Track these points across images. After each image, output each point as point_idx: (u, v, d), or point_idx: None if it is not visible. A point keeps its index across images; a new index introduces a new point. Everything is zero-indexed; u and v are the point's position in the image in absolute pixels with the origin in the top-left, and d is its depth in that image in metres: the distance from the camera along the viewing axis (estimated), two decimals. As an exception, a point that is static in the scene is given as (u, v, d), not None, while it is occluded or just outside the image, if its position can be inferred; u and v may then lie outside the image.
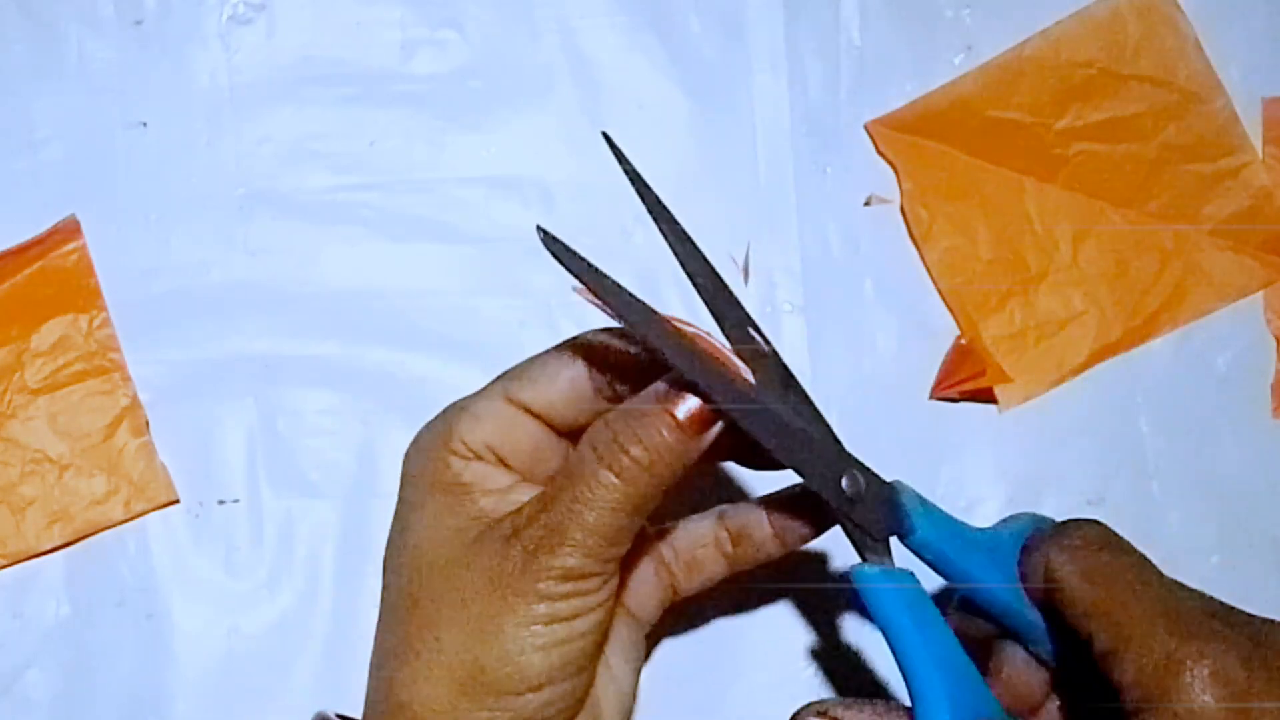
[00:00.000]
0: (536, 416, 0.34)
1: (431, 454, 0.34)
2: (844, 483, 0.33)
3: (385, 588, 0.35)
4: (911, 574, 0.33)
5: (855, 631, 0.42)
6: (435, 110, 0.44)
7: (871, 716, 0.33)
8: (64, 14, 0.43)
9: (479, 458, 0.34)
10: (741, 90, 0.44)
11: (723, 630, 0.42)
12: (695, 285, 0.33)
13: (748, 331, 0.33)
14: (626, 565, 0.35)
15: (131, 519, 0.41)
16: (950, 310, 0.44)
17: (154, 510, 0.41)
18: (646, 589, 0.37)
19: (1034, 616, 0.35)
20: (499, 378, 0.35)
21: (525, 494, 0.33)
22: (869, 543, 0.33)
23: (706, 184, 0.44)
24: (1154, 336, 0.44)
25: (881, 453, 0.42)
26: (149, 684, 0.40)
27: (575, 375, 0.34)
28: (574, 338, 0.34)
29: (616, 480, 0.31)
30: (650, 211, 0.33)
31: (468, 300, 0.43)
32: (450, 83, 0.44)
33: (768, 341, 0.34)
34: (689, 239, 0.34)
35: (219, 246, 0.42)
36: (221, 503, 0.41)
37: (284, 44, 0.43)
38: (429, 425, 0.35)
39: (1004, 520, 0.36)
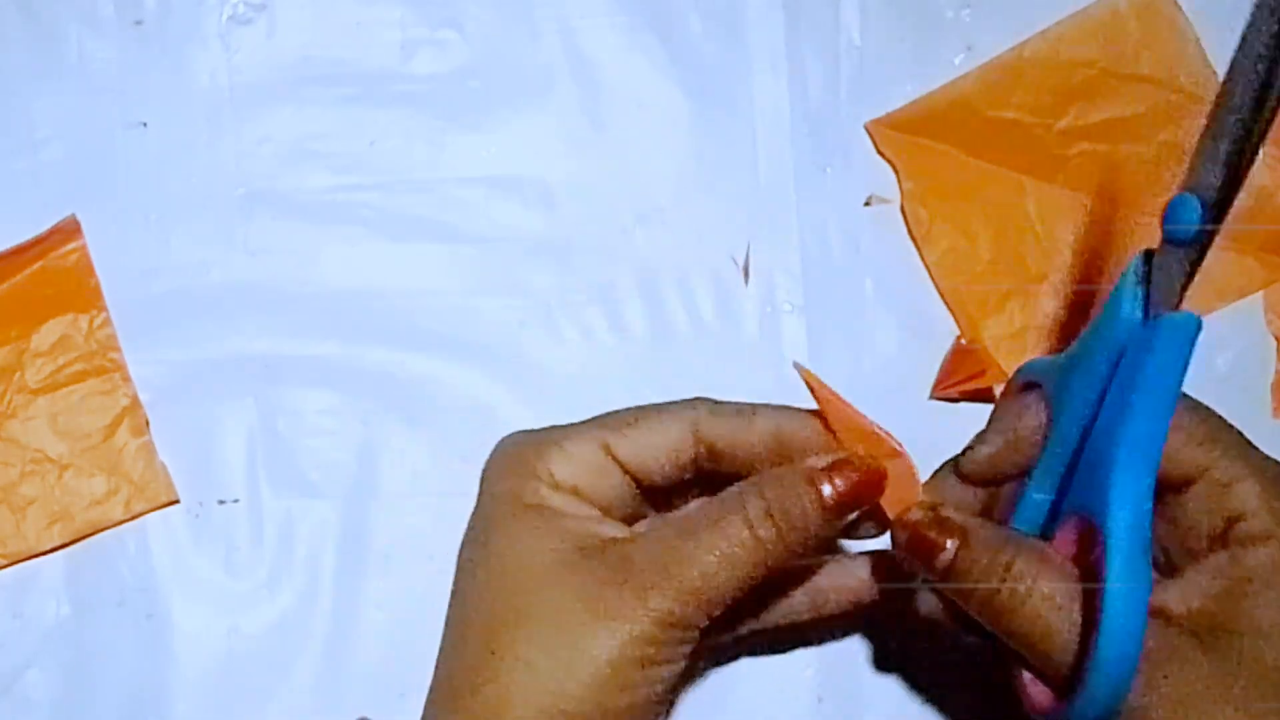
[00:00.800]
0: (625, 470, 0.34)
1: (519, 475, 0.34)
2: None
3: (461, 603, 0.34)
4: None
5: (856, 633, 0.42)
6: (435, 110, 0.44)
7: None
8: (64, 14, 0.43)
9: (561, 491, 0.34)
10: (742, 90, 0.44)
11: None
12: None
13: None
14: None
15: (131, 519, 0.41)
16: (950, 310, 0.44)
17: (154, 510, 0.41)
18: None
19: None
20: (599, 423, 0.35)
21: (611, 528, 0.33)
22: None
23: (706, 184, 0.44)
24: (1154, 336, 0.44)
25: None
26: (149, 684, 0.40)
27: (679, 447, 0.34)
28: (682, 406, 0.34)
29: (754, 544, 0.31)
30: None
31: (468, 300, 0.43)
32: (450, 83, 0.44)
33: None
34: None
35: (219, 246, 0.42)
36: (221, 503, 0.41)
37: (284, 44, 0.43)
38: (515, 446, 0.35)
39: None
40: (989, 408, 0.43)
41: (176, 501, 0.41)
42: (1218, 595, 0.31)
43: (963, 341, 0.44)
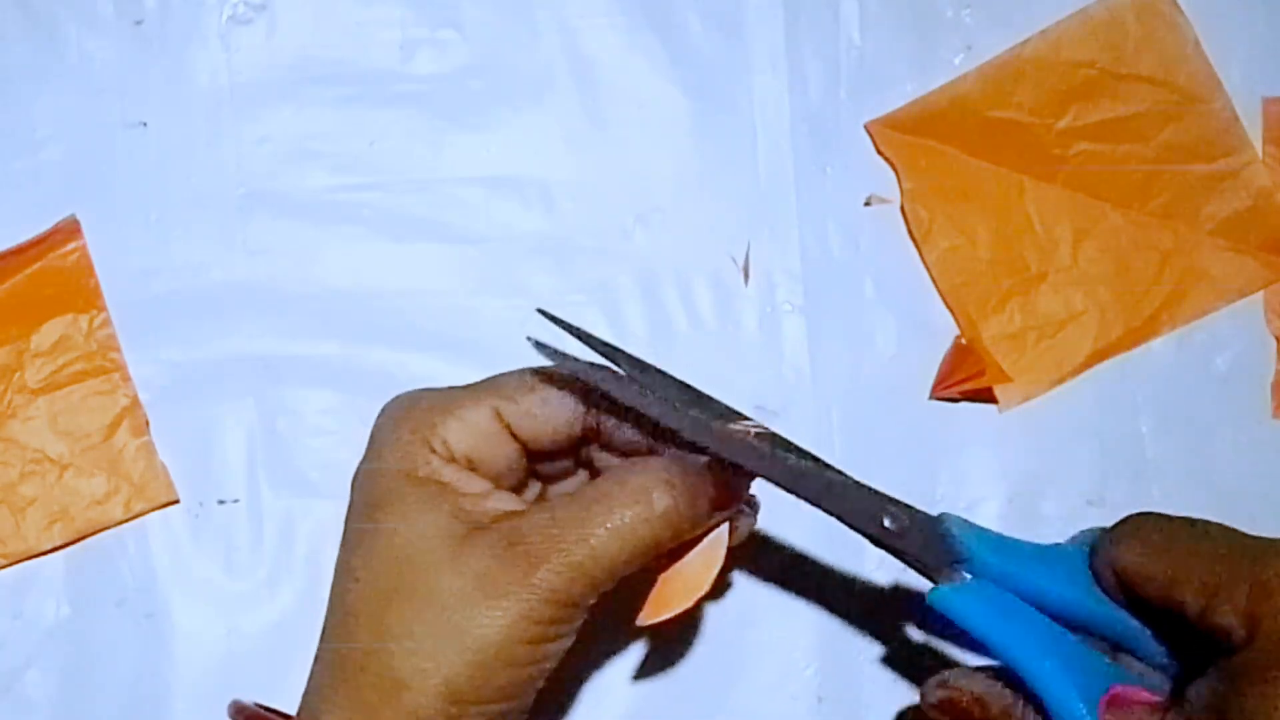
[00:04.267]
0: (517, 438, 0.34)
1: (412, 445, 0.33)
2: (886, 522, 0.33)
3: (349, 578, 0.33)
4: (989, 583, 0.33)
5: (856, 632, 0.42)
6: (435, 110, 0.44)
7: (987, 682, 0.33)
8: (64, 14, 0.43)
9: (454, 462, 0.33)
10: (741, 90, 0.44)
11: (723, 630, 0.42)
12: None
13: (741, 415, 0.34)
14: None
15: (131, 519, 0.41)
16: (950, 310, 0.44)
17: (154, 510, 0.41)
18: None
19: (1126, 622, 0.35)
20: (489, 389, 0.34)
21: (503, 502, 0.33)
22: (934, 571, 0.34)
23: (706, 184, 0.44)
24: (1154, 336, 0.44)
25: (881, 453, 0.42)
26: (149, 684, 0.40)
27: (572, 416, 0.34)
28: (573, 370, 0.33)
29: (651, 522, 0.31)
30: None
31: (468, 300, 0.43)
32: (450, 83, 0.44)
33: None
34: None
35: (219, 246, 0.42)
36: (221, 503, 0.41)
37: (284, 44, 0.43)
38: (407, 411, 0.34)
39: (1071, 539, 0.37)
40: (989, 408, 0.44)
41: (176, 501, 0.41)
42: (1213, 701, 0.31)
43: (963, 341, 0.44)
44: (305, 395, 0.42)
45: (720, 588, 0.42)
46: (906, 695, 0.42)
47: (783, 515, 0.42)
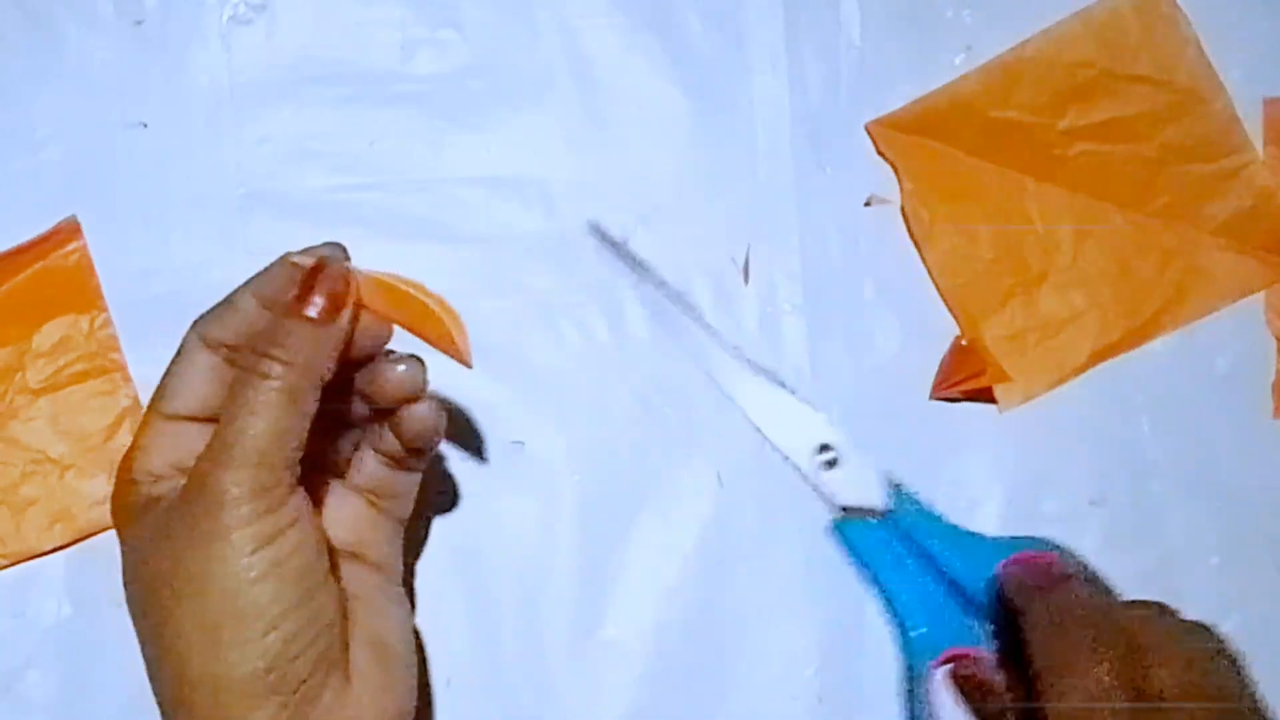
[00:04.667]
0: (196, 419, 0.35)
1: (119, 497, 0.34)
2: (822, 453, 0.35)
3: (138, 635, 0.34)
4: (891, 529, 0.36)
5: (856, 632, 0.42)
6: (435, 110, 0.44)
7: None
8: (64, 14, 0.43)
9: (164, 479, 0.34)
10: (741, 90, 0.44)
11: (723, 630, 0.42)
12: None
13: None
14: (317, 499, 0.36)
15: (132, 519, 0.41)
16: (950, 310, 0.44)
17: (154, 510, 0.41)
18: (372, 525, 0.37)
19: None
20: (150, 402, 0.35)
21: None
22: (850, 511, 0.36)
23: (706, 184, 0.44)
24: (1154, 337, 0.44)
25: (882, 453, 0.42)
26: (148, 685, 0.40)
27: (207, 366, 0.35)
28: (191, 329, 0.35)
29: (270, 383, 0.32)
30: None
31: (468, 300, 0.42)
32: (450, 83, 0.44)
33: None
34: None
35: (219, 246, 0.42)
36: (222, 503, 0.41)
37: (284, 44, 0.43)
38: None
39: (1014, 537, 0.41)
40: (989, 408, 0.44)
41: (177, 502, 0.41)
42: None
43: (963, 341, 0.44)
44: (305, 395, 0.42)
45: (721, 587, 0.42)
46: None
47: (784, 514, 0.42)
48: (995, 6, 0.45)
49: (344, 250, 0.35)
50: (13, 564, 0.40)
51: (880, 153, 0.44)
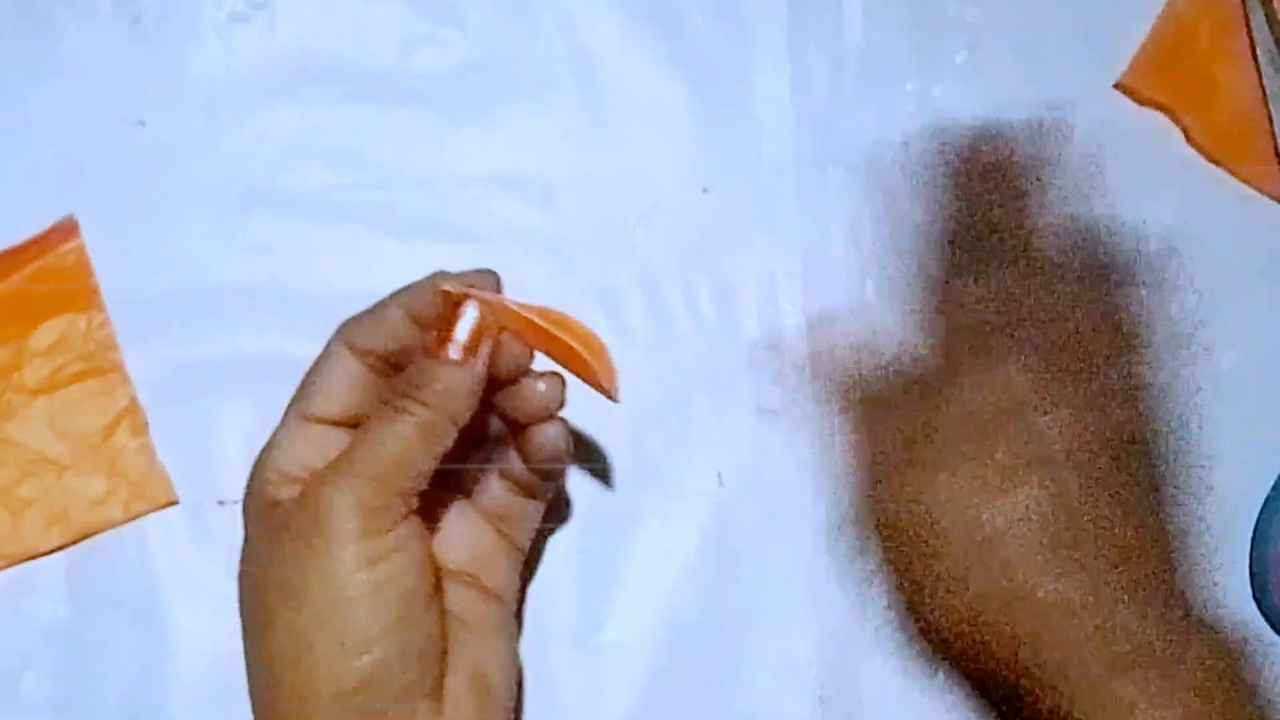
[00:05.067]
0: (336, 423, 0.35)
1: (250, 493, 0.35)
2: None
3: (242, 631, 0.35)
4: None
5: (858, 632, 0.42)
6: (436, 108, 0.43)
7: None
8: (62, 11, 0.42)
9: (296, 481, 0.34)
10: (744, 88, 0.44)
11: (724, 630, 0.42)
12: None
13: None
14: (438, 520, 0.37)
15: (130, 520, 0.40)
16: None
17: (153, 511, 0.41)
18: (494, 554, 0.38)
19: None
20: (290, 402, 0.36)
21: None
22: None
23: (708, 182, 0.44)
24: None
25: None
26: (148, 685, 0.40)
27: (352, 373, 0.35)
28: (336, 333, 0.36)
29: (407, 418, 0.33)
30: None
31: (468, 299, 0.43)
32: (451, 80, 0.43)
33: None
34: None
35: (218, 245, 0.42)
36: (221, 503, 0.41)
37: (283, 41, 0.43)
38: (251, 469, 0.36)
39: None
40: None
41: (175, 502, 0.41)
42: None
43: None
44: (305, 395, 0.42)
45: (721, 587, 0.42)
46: (909, 695, 0.42)
47: (784, 515, 0.42)
48: (998, 4, 0.45)
49: (495, 278, 0.36)
50: (10, 565, 0.40)
51: (1146, 102, 0.45)
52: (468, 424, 0.35)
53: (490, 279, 0.36)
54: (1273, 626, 0.43)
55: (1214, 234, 0.45)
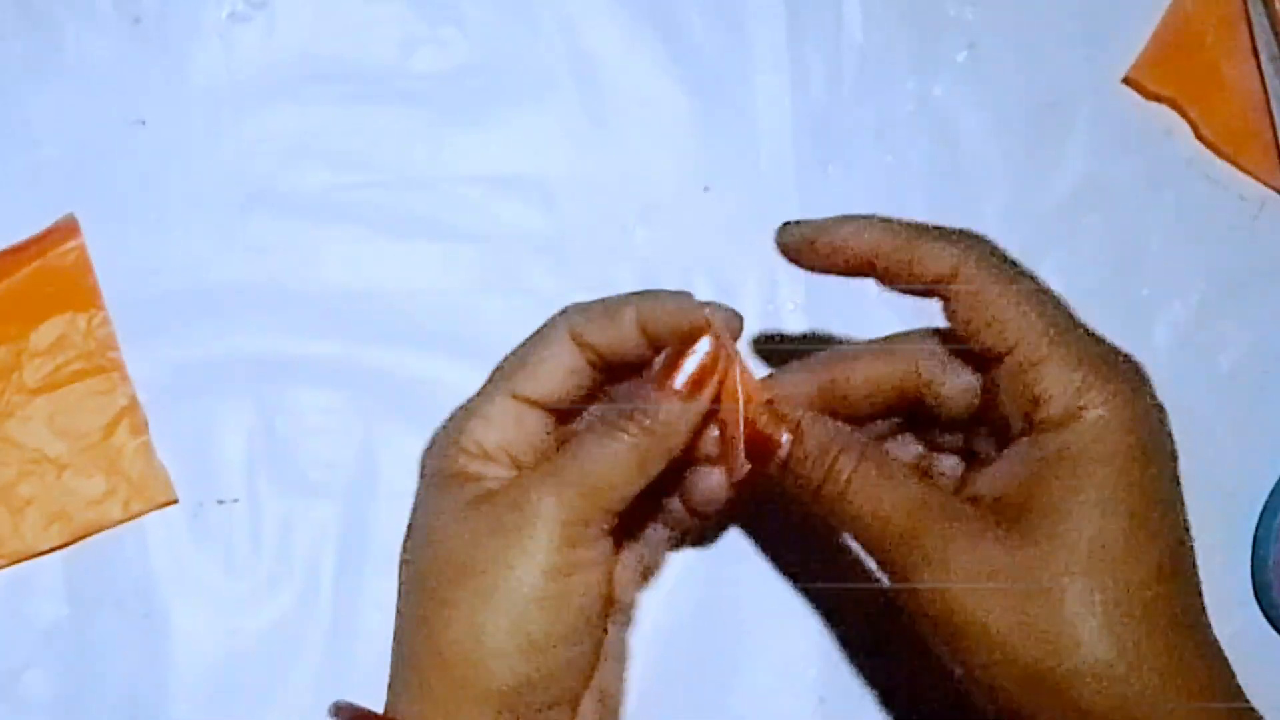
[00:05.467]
0: (538, 405, 0.35)
1: (444, 455, 0.35)
2: None
3: (401, 584, 0.36)
4: None
5: (858, 632, 0.42)
6: (436, 108, 0.43)
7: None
8: (62, 11, 0.42)
9: (490, 458, 0.35)
10: (743, 89, 0.44)
11: (724, 630, 0.42)
12: None
13: None
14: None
15: (130, 519, 0.40)
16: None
17: (153, 510, 0.41)
18: (626, 573, 0.38)
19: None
20: (497, 375, 0.36)
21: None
22: None
23: (708, 182, 0.44)
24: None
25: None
26: (148, 685, 0.40)
27: (569, 362, 0.35)
28: (562, 318, 0.35)
29: (623, 438, 0.33)
30: None
31: (468, 299, 0.43)
32: (451, 80, 0.43)
33: None
34: None
35: (218, 245, 0.42)
36: (221, 503, 0.41)
37: (284, 41, 0.43)
38: (440, 431, 0.36)
39: None
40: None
41: (175, 501, 0.41)
42: (1019, 480, 0.32)
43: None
44: (305, 395, 0.42)
45: (722, 587, 0.42)
46: (909, 696, 0.42)
47: (785, 514, 0.42)
48: (998, 3, 0.45)
49: (740, 322, 0.35)
50: (10, 564, 0.40)
51: (1152, 96, 0.45)
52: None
53: (735, 323, 0.35)
54: (1273, 626, 0.43)
55: (1214, 234, 0.45)
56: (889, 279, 0.34)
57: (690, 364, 0.34)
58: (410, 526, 0.36)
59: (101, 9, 0.42)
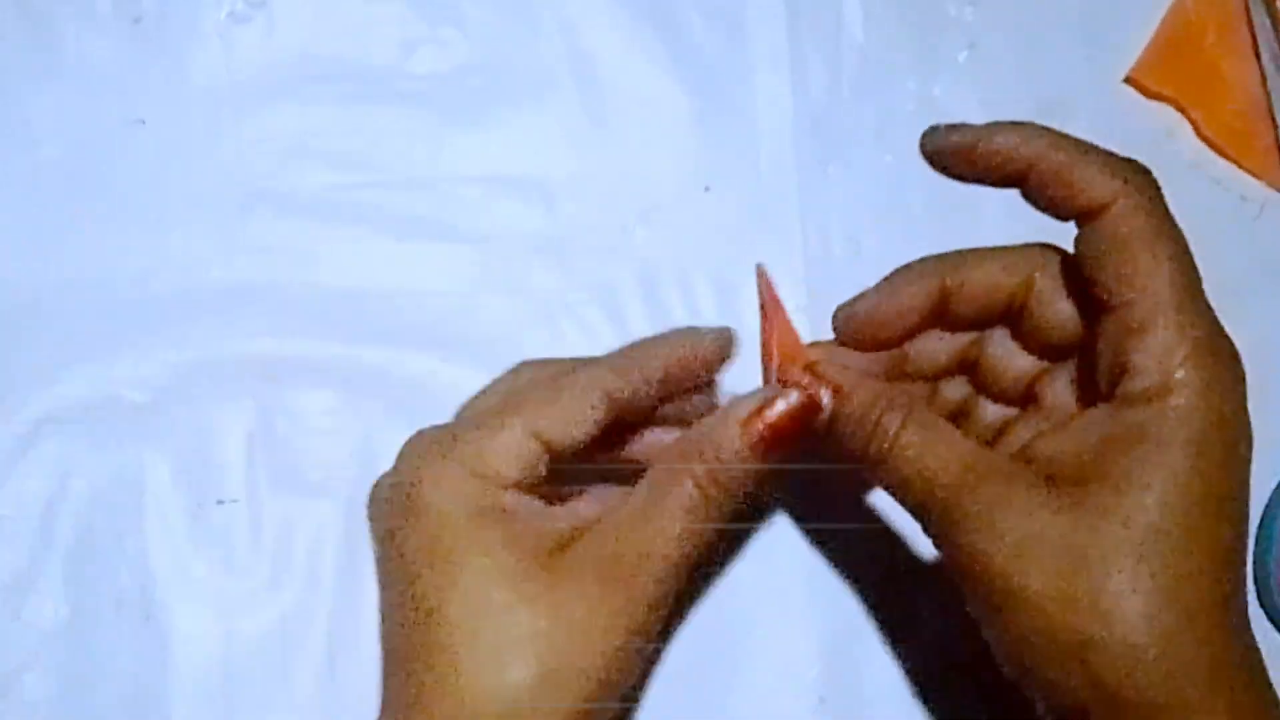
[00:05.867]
0: (549, 448, 0.34)
1: (468, 481, 0.33)
2: None
3: (423, 616, 0.32)
4: None
5: (859, 633, 0.42)
6: (436, 108, 0.43)
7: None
8: (61, 11, 0.42)
9: (511, 488, 0.33)
10: (743, 88, 0.44)
11: (725, 631, 0.42)
12: None
13: None
14: None
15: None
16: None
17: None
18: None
19: None
20: (518, 408, 0.34)
21: (564, 518, 0.34)
22: None
23: (708, 182, 0.44)
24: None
25: (884, 453, 0.42)
26: (147, 686, 0.40)
27: (599, 416, 0.34)
28: (587, 370, 0.34)
29: (704, 504, 0.33)
30: None
31: (468, 299, 0.43)
32: (451, 81, 0.43)
33: None
34: None
35: (218, 245, 0.42)
36: (221, 503, 0.41)
37: (283, 41, 0.43)
38: (444, 450, 0.34)
39: None
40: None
41: None
42: (1087, 448, 0.31)
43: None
44: (305, 395, 0.42)
45: (721, 588, 0.42)
46: (909, 696, 0.42)
47: (785, 514, 0.42)
48: (998, 3, 0.45)
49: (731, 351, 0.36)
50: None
51: (1153, 95, 0.45)
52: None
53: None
54: (1275, 626, 0.43)
55: (1216, 234, 0.45)
56: (1041, 194, 0.32)
57: (770, 417, 0.33)
58: (432, 561, 0.33)
59: (101, 9, 0.42)
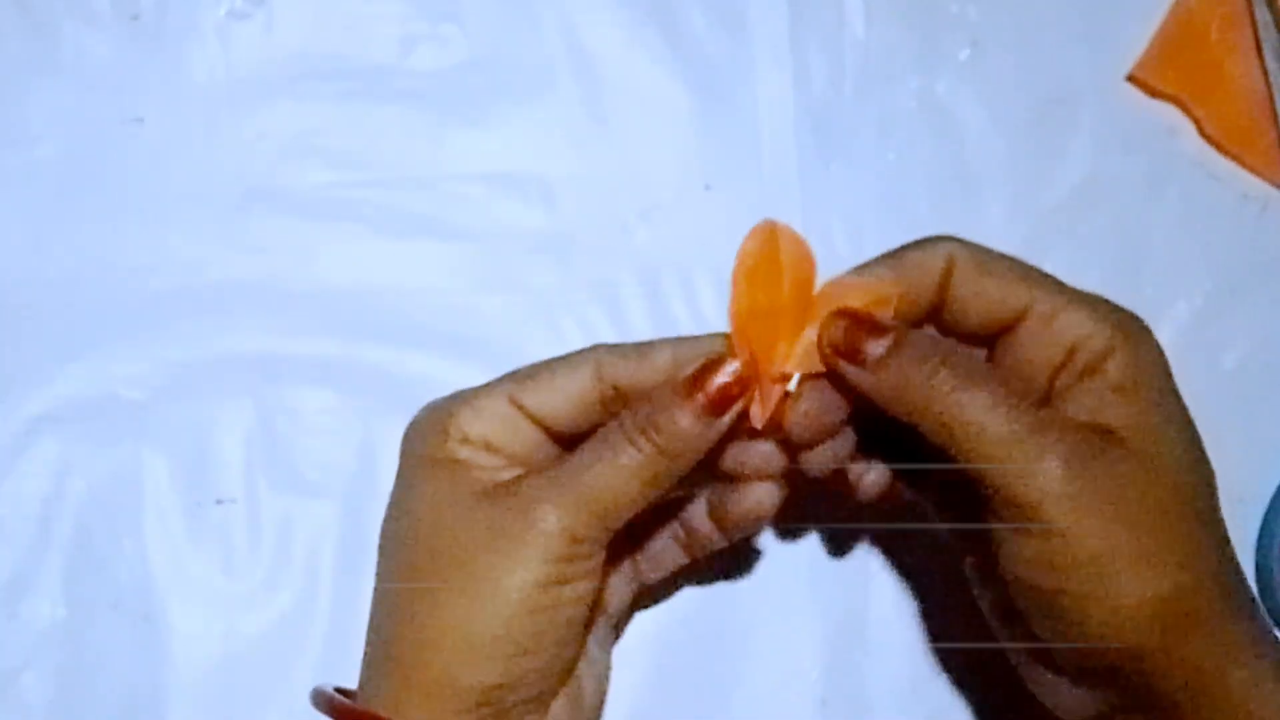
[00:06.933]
0: (536, 421, 0.34)
1: (429, 437, 0.34)
2: None
3: (382, 563, 0.35)
4: None
5: (861, 634, 0.42)
6: (435, 106, 0.43)
7: None
8: (60, 9, 0.42)
9: (479, 449, 0.34)
10: (745, 85, 0.44)
11: (726, 632, 0.42)
12: None
13: None
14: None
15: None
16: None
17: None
18: (619, 580, 0.38)
19: None
20: (507, 376, 0.35)
21: (514, 473, 0.34)
22: None
23: (709, 180, 0.44)
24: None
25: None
26: (145, 686, 0.40)
27: (583, 390, 0.34)
28: (584, 351, 0.35)
29: (633, 453, 0.32)
30: None
31: (468, 298, 0.43)
32: (450, 78, 0.43)
33: None
34: None
35: (217, 244, 0.42)
36: (219, 502, 0.41)
37: (282, 39, 0.43)
38: (427, 410, 0.36)
39: None
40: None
41: None
42: (1100, 409, 0.32)
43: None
44: (304, 394, 0.42)
45: (722, 588, 0.42)
46: (911, 697, 0.42)
47: (787, 516, 0.42)
48: (1000, 1, 0.44)
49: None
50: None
51: (1157, 94, 0.45)
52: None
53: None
54: (1278, 625, 0.43)
55: (1218, 232, 0.45)
56: (916, 318, 0.35)
57: (718, 379, 0.33)
58: (392, 507, 0.35)
59: (99, 7, 0.42)
